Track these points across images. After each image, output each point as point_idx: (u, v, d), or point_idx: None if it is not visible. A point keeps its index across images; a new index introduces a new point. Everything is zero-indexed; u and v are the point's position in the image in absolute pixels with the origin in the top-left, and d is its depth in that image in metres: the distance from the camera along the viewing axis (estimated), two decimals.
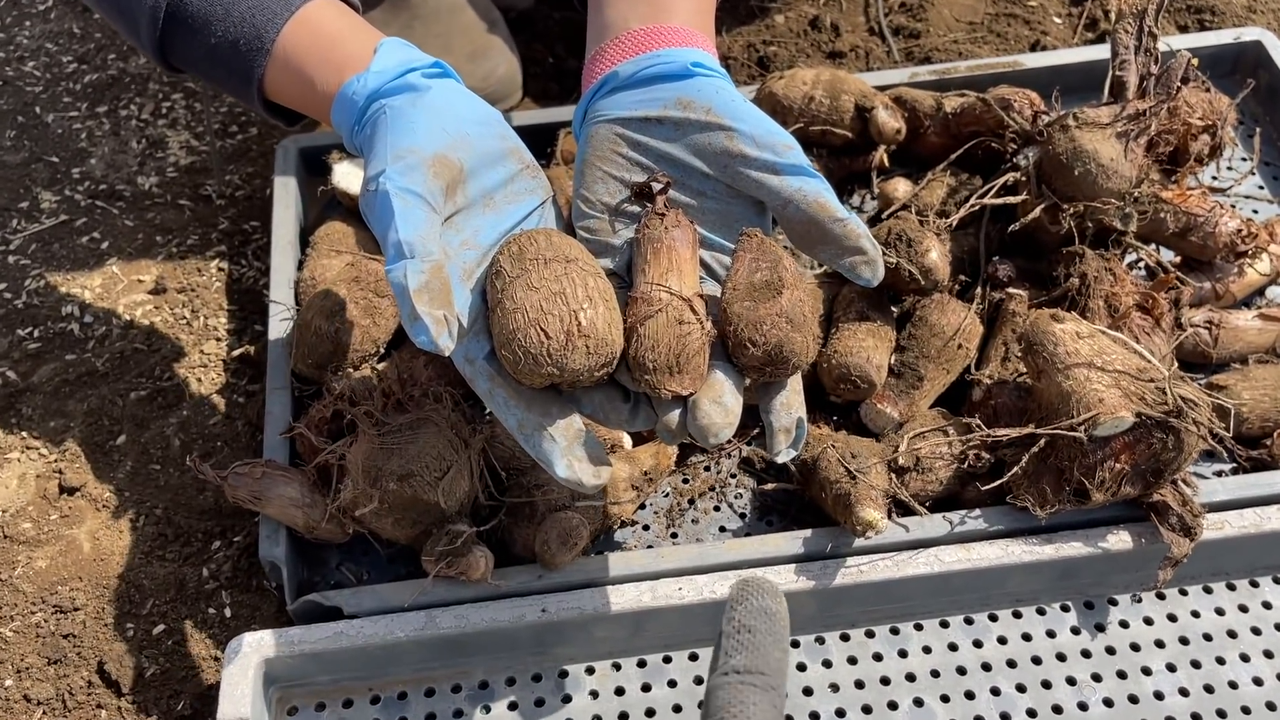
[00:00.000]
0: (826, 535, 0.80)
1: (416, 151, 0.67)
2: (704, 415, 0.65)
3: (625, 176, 0.74)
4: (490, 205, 0.71)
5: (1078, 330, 0.80)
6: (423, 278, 0.61)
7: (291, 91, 0.78)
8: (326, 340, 0.86)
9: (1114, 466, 0.77)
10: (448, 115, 0.71)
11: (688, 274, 0.69)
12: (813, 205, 0.70)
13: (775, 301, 0.66)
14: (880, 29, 1.25)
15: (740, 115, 0.73)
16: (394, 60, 0.74)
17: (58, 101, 1.23)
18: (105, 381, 0.96)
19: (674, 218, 0.70)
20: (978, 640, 0.81)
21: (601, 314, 0.65)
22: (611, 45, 0.78)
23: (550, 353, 0.63)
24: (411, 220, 0.64)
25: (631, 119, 0.75)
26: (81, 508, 0.88)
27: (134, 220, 1.10)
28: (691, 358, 0.65)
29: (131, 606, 0.82)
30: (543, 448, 0.65)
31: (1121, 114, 0.88)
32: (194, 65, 0.80)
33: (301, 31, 0.77)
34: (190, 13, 0.77)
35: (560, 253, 0.67)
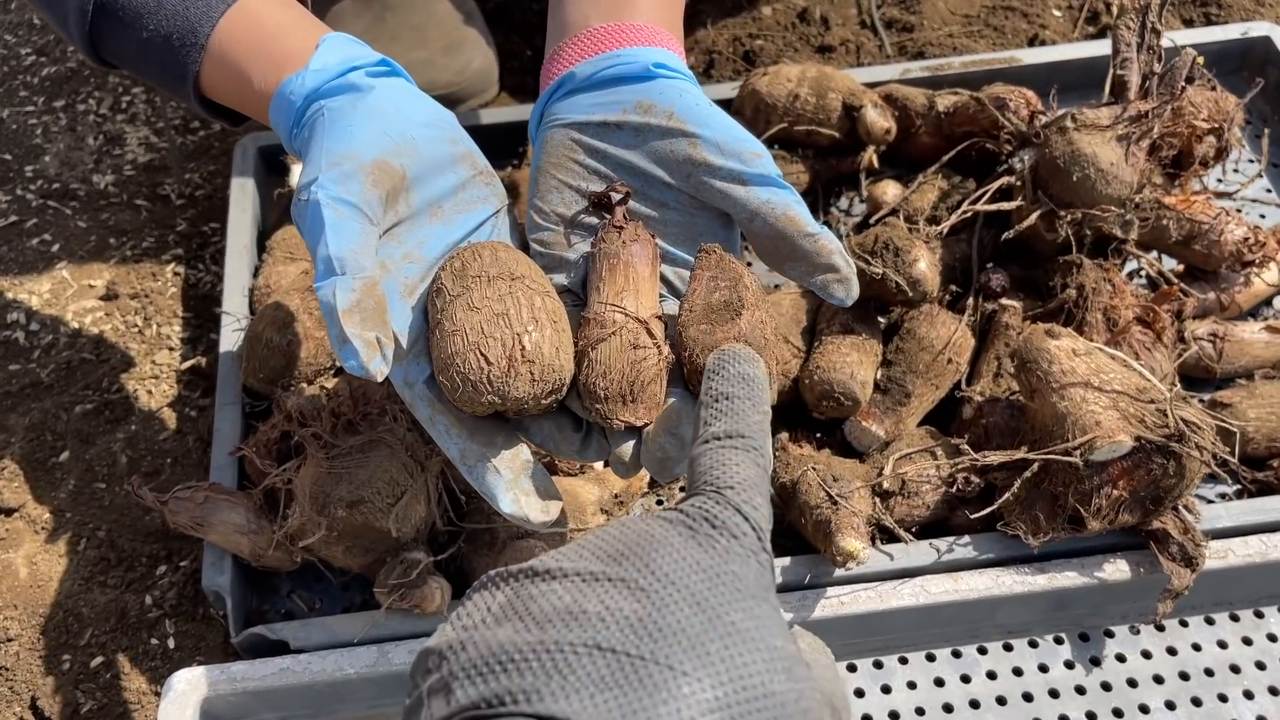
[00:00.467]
0: (805, 564, 0.76)
1: (353, 157, 0.62)
2: (659, 448, 0.60)
3: (582, 185, 0.69)
4: (438, 215, 0.67)
5: (1074, 347, 0.76)
6: (353, 296, 0.57)
7: (228, 90, 0.73)
8: (278, 353, 0.81)
9: (1111, 493, 0.72)
10: (391, 117, 0.66)
11: (645, 293, 0.64)
12: (781, 219, 0.65)
13: (734, 324, 0.61)
14: (872, 22, 1.20)
15: (704, 120, 0.68)
16: (336, 57, 0.69)
17: (14, 95, 1.18)
18: (49, 394, 0.91)
19: (633, 231, 0.65)
20: (965, 675, 0.77)
21: (549, 337, 0.60)
22: (570, 44, 0.73)
23: (491, 379, 0.59)
24: (344, 233, 0.59)
25: (589, 124, 0.69)
26: (19, 530, 0.83)
27: (87, 221, 1.05)
28: (646, 385, 0.60)
29: (69, 637, 0.77)
30: (486, 480, 0.61)
31: (1123, 115, 0.84)
32: (127, 61, 0.75)
33: (239, 25, 0.71)
34: (120, 4, 0.72)
35: (506, 269, 0.62)
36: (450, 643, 0.40)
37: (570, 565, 0.41)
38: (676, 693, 0.37)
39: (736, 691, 0.38)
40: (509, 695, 0.37)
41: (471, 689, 0.38)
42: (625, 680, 0.37)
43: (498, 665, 0.38)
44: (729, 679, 0.38)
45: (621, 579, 0.40)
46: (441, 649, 0.40)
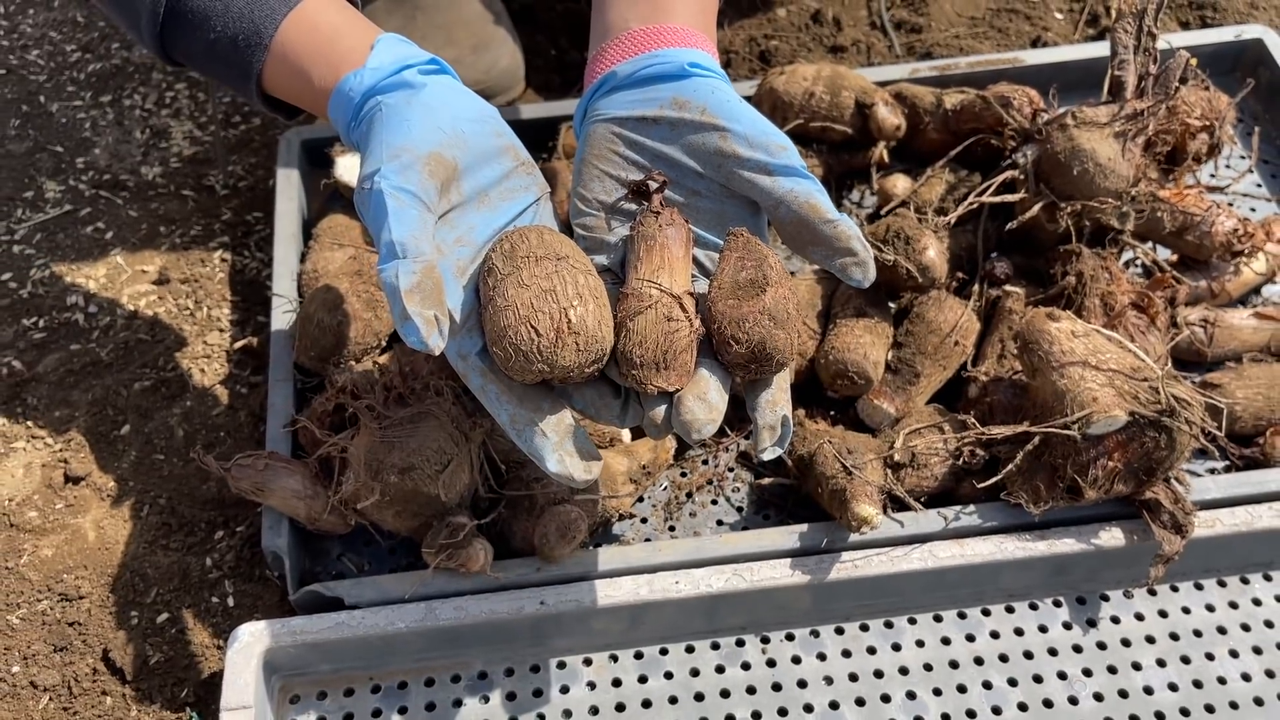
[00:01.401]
0: (822, 530, 0.81)
1: (411, 149, 0.68)
2: (688, 411, 0.66)
3: (622, 175, 0.75)
4: (485, 202, 0.72)
5: (1073, 329, 0.81)
6: (414, 278, 0.62)
7: (289, 87, 0.78)
8: (329, 333, 0.87)
9: (1107, 464, 0.78)
10: (443, 112, 0.72)
11: (679, 272, 0.69)
12: (804, 206, 0.71)
13: (759, 299, 0.67)
14: (882, 23, 1.25)
15: (735, 115, 0.73)
16: (390, 57, 0.74)
17: (61, 91, 1.23)
18: (110, 371, 0.97)
19: (668, 216, 0.71)
20: (970, 635, 0.82)
21: (591, 311, 0.66)
22: (612, 45, 0.78)
23: (540, 349, 0.64)
24: (405, 220, 0.65)
25: (629, 118, 0.75)
26: (86, 497, 0.89)
27: (138, 210, 1.11)
28: (678, 354, 0.66)
29: (136, 595, 0.83)
30: (534, 443, 0.66)
31: (1120, 113, 0.89)
32: (194, 60, 0.81)
33: (299, 27, 0.77)
34: (190, 8, 0.77)
35: (551, 250, 0.68)
36: None
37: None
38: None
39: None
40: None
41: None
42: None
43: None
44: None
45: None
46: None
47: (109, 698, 0.78)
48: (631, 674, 0.80)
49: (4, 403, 0.94)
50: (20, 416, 0.93)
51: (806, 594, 0.80)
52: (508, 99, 1.20)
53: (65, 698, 0.78)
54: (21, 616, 0.82)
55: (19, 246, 1.07)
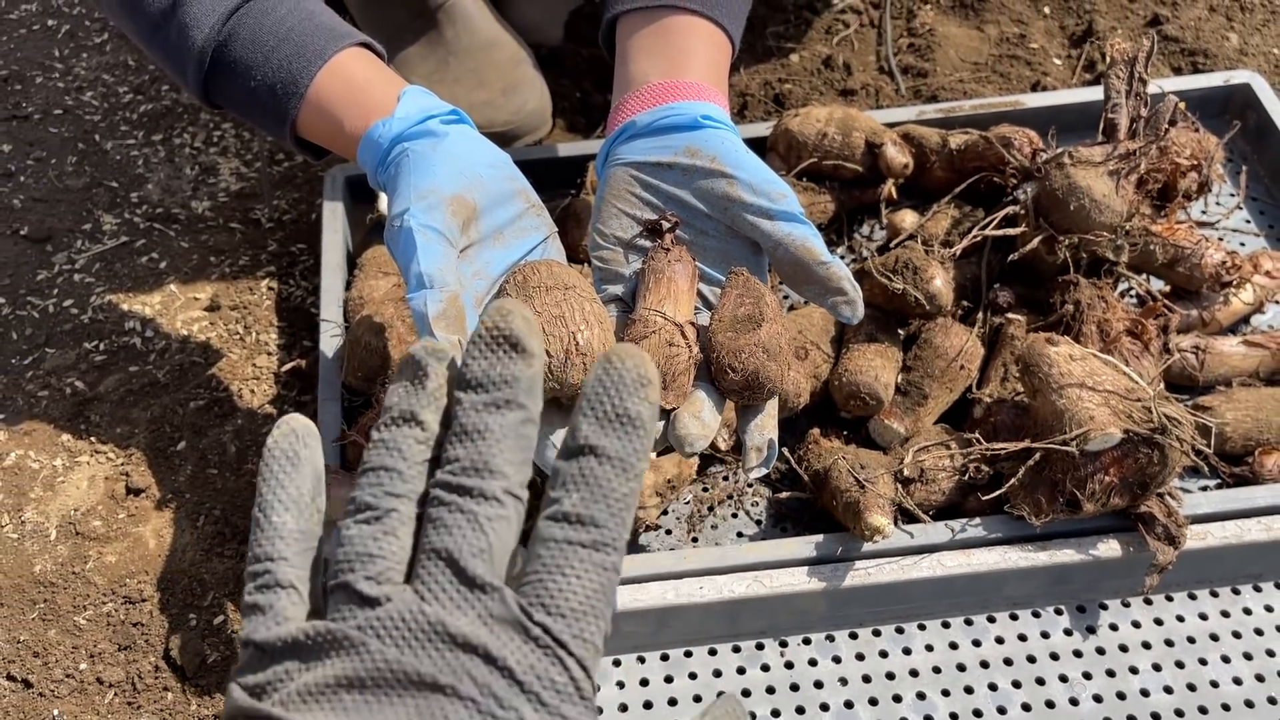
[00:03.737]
0: (837, 540, 0.87)
1: (436, 191, 0.75)
2: (682, 426, 0.72)
3: (637, 214, 0.82)
4: (499, 240, 0.79)
5: (1071, 353, 0.87)
6: (440, 305, 0.69)
7: (322, 131, 0.86)
8: (375, 354, 0.93)
9: (1104, 479, 0.83)
10: (464, 159, 0.79)
11: (683, 303, 0.76)
12: (800, 249, 0.77)
13: (755, 334, 0.74)
14: (889, 68, 1.32)
15: (741, 164, 0.80)
16: (415, 107, 0.82)
17: (115, 130, 1.31)
18: (166, 391, 1.03)
19: (677, 253, 0.78)
20: (977, 640, 0.87)
21: (597, 334, 0.72)
22: (632, 96, 0.86)
23: (551, 369, 0.70)
24: (432, 254, 0.71)
25: (645, 163, 0.82)
26: (146, 508, 0.95)
27: (189, 242, 1.17)
28: (677, 376, 0.72)
29: (193, 599, 0.89)
30: (545, 455, 0.72)
31: (1113, 153, 0.95)
32: (234, 105, 0.88)
33: (333, 78, 0.84)
34: (233, 59, 0.85)
35: (560, 280, 0.74)
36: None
37: None
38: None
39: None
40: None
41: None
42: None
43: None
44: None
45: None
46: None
47: (170, 693, 0.84)
48: (658, 674, 0.85)
49: (69, 420, 1.01)
50: (84, 433, 1.00)
51: (822, 600, 0.86)
52: (536, 138, 1.27)
53: (129, 693, 0.84)
54: (88, 618, 0.87)
55: (79, 275, 1.14)
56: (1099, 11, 1.35)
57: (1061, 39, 1.35)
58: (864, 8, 1.40)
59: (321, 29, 0.85)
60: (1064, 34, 1.35)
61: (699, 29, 0.88)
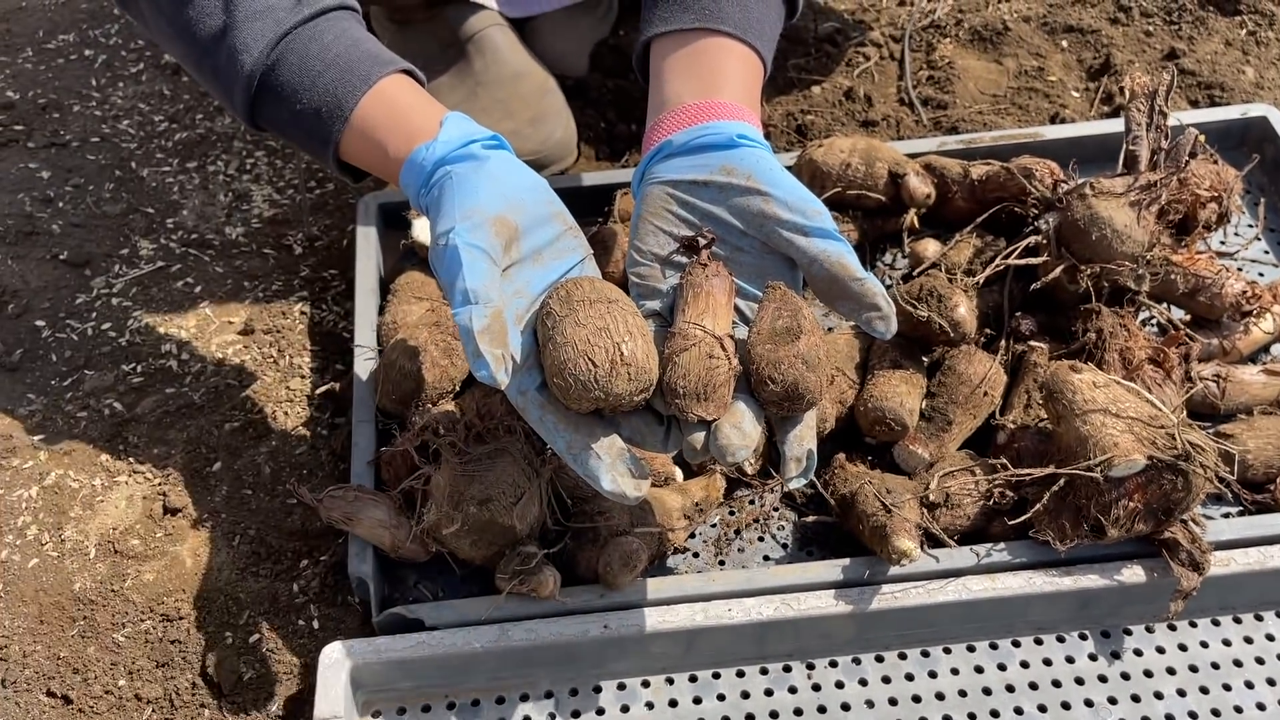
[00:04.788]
0: (863, 564, 0.88)
1: (481, 211, 0.77)
2: (724, 437, 0.73)
3: (674, 231, 0.84)
4: (539, 260, 0.81)
5: (1094, 380, 0.88)
6: (485, 321, 0.71)
7: (364, 155, 0.88)
8: (410, 378, 0.95)
9: (1128, 505, 0.84)
10: (505, 182, 0.81)
11: (721, 316, 0.78)
12: (835, 265, 0.79)
13: (794, 345, 0.75)
14: (910, 100, 1.35)
15: (776, 182, 0.82)
16: (458, 132, 0.84)
17: (151, 157, 1.34)
18: (202, 413, 1.05)
19: (714, 268, 0.80)
20: (1002, 664, 0.88)
21: (640, 346, 0.74)
22: (668, 117, 0.88)
23: (597, 379, 0.72)
24: (476, 271, 0.73)
25: (682, 181, 0.84)
26: (183, 527, 0.96)
27: (223, 267, 1.20)
28: (718, 388, 0.74)
29: (230, 617, 0.90)
30: (589, 465, 0.74)
31: (1134, 184, 0.97)
32: (279, 127, 0.91)
33: (377, 103, 0.87)
34: (280, 82, 0.87)
35: (603, 295, 0.76)
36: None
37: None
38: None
39: None
40: None
41: None
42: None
43: None
44: None
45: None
46: None
47: (207, 710, 0.85)
48: (686, 696, 0.86)
49: (107, 441, 1.03)
50: (122, 453, 1.02)
51: (849, 623, 0.87)
52: (562, 167, 1.29)
53: (167, 709, 0.85)
54: (127, 635, 0.89)
55: (117, 299, 1.16)
56: (1116, 45, 1.38)
57: (1079, 72, 1.37)
58: (884, 41, 1.43)
59: (367, 56, 0.88)
60: (1081, 67, 1.38)
61: (733, 51, 0.90)
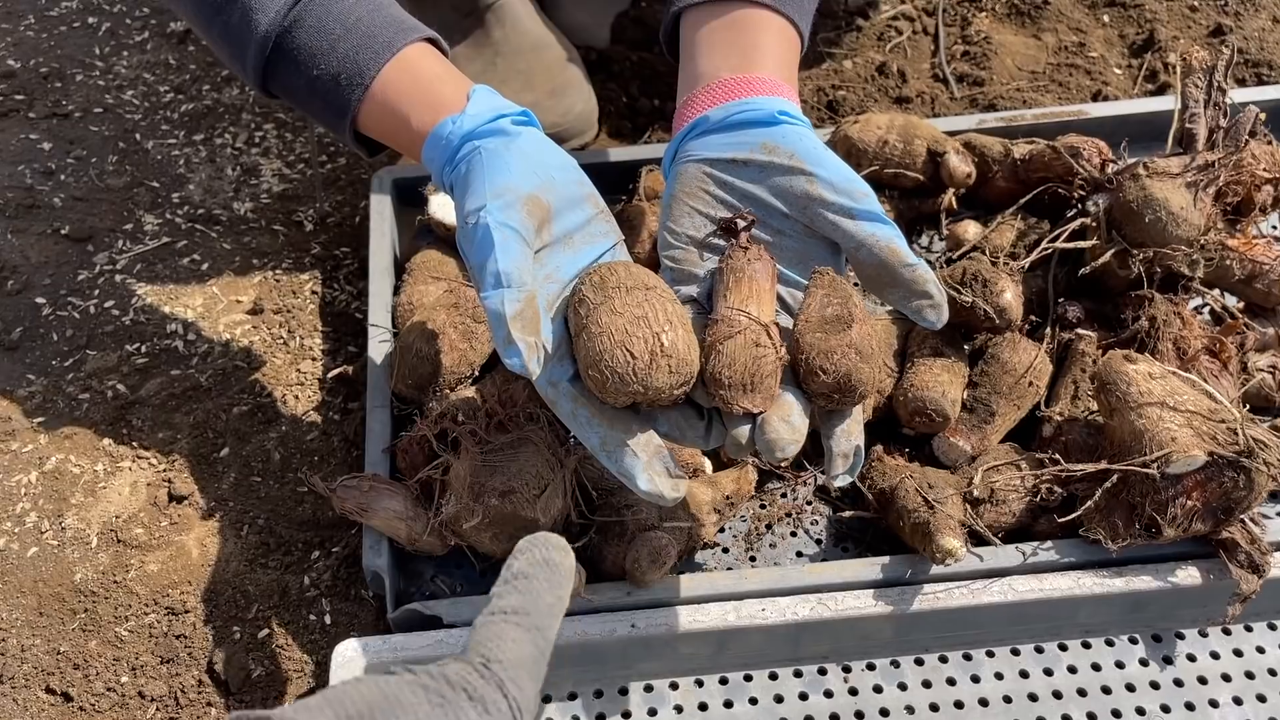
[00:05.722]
0: (904, 562, 0.83)
1: (513, 189, 0.72)
2: (772, 430, 0.69)
3: (711, 212, 0.79)
4: (569, 244, 0.76)
5: (1150, 371, 0.84)
6: (518, 306, 0.66)
7: (384, 126, 0.83)
8: (427, 362, 0.90)
9: (1185, 503, 0.80)
10: (536, 160, 0.76)
11: (766, 303, 0.73)
12: (885, 250, 0.75)
13: (845, 334, 0.71)
14: (944, 75, 1.29)
15: (821, 161, 0.77)
16: (487, 106, 0.79)
17: (156, 129, 1.29)
18: (209, 396, 1.01)
19: (756, 251, 0.75)
20: (1048, 669, 0.83)
21: (681, 336, 0.69)
22: (703, 92, 0.83)
23: (636, 371, 0.67)
24: (510, 252, 0.69)
25: (719, 160, 0.79)
26: (189, 515, 0.92)
27: (231, 243, 1.15)
28: (765, 378, 0.69)
29: (238, 611, 0.86)
30: (625, 463, 0.69)
31: (1191, 164, 0.92)
32: (292, 94, 0.86)
33: (400, 72, 0.82)
34: (297, 45, 0.82)
35: (640, 281, 0.71)
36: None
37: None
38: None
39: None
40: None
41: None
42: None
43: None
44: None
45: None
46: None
47: (213, 709, 0.81)
48: (717, 699, 0.82)
49: (110, 424, 0.98)
50: (126, 438, 0.97)
51: (888, 625, 0.82)
52: (582, 142, 1.24)
53: (172, 708, 0.81)
54: (130, 629, 0.85)
55: (120, 276, 1.12)
56: (1160, 20, 1.32)
57: (1121, 48, 1.31)
58: (916, 14, 1.37)
59: (390, 21, 0.83)
60: (1124, 43, 1.32)
61: (770, 23, 0.85)
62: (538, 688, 0.47)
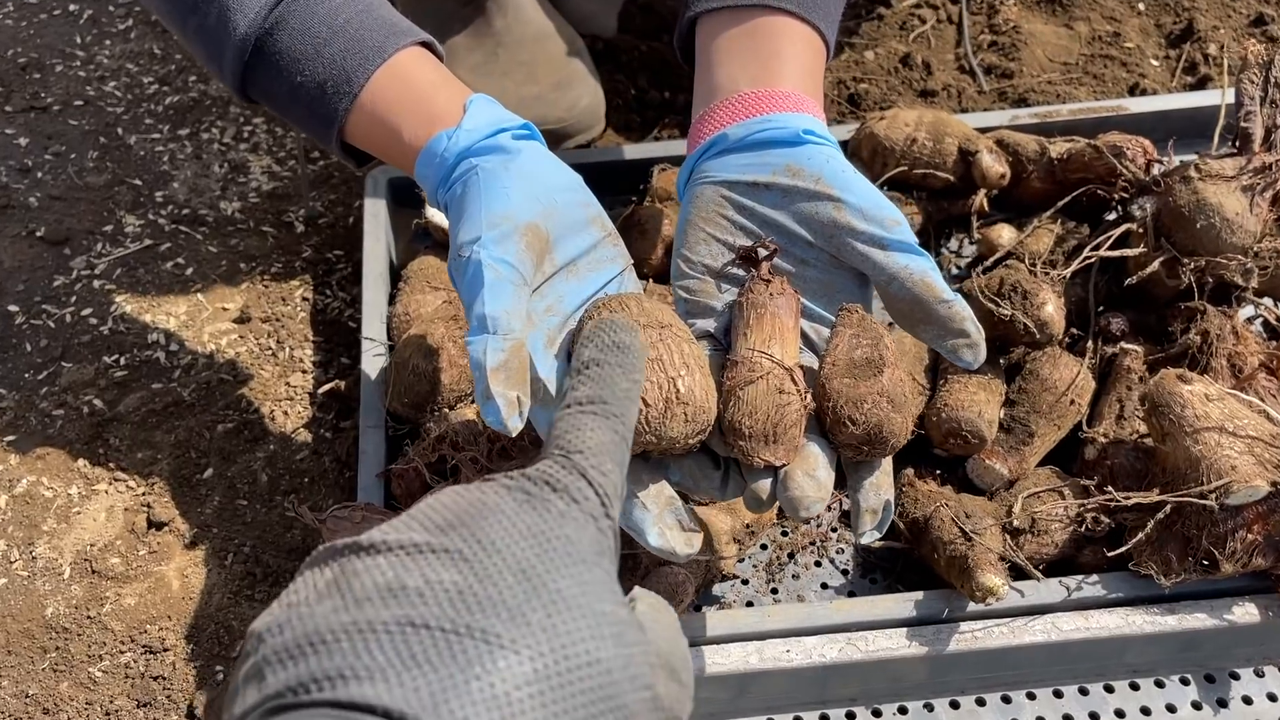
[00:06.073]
0: (939, 599, 0.77)
1: (511, 218, 0.66)
2: (797, 487, 0.63)
3: (729, 240, 0.72)
4: (574, 272, 0.70)
5: (1207, 392, 0.77)
6: (501, 356, 0.60)
7: (374, 138, 0.76)
8: (424, 379, 0.84)
9: (1246, 537, 0.74)
10: (538, 182, 0.70)
11: (789, 343, 0.67)
12: (919, 284, 0.68)
13: (876, 380, 0.64)
14: (971, 67, 1.23)
15: (849, 186, 0.71)
16: (485, 118, 0.73)
17: (139, 123, 1.22)
18: (192, 412, 0.94)
19: (779, 285, 0.68)
20: (1094, 712, 0.78)
21: (699, 381, 0.63)
22: (720, 107, 0.76)
23: (650, 421, 0.61)
24: (500, 294, 0.62)
25: (739, 182, 0.73)
26: (169, 543, 0.86)
27: (217, 246, 1.09)
28: (788, 428, 0.63)
29: (221, 649, 0.80)
30: (634, 516, 0.63)
31: (1247, 166, 0.86)
32: (274, 100, 0.79)
33: (392, 80, 0.75)
34: (279, 49, 0.76)
35: (654, 318, 0.65)
36: (270, 624, 0.37)
37: (396, 538, 0.39)
38: (491, 667, 0.35)
39: (558, 661, 0.36)
40: (314, 680, 0.35)
41: (281, 673, 0.35)
42: (437, 657, 0.35)
43: (309, 647, 0.35)
44: (550, 649, 0.36)
45: (446, 549, 0.38)
46: (261, 631, 0.37)
47: None
48: None
49: (86, 443, 0.92)
50: (102, 458, 0.91)
51: (922, 665, 0.76)
52: (588, 138, 1.18)
53: None
54: (104, 669, 0.79)
55: (99, 281, 1.05)
56: (1199, 9, 1.25)
57: (1158, 38, 1.25)
58: (941, 3, 1.30)
59: (381, 23, 0.76)
60: (1160, 32, 1.25)
61: (793, 31, 0.78)
62: (622, 474, 0.45)
